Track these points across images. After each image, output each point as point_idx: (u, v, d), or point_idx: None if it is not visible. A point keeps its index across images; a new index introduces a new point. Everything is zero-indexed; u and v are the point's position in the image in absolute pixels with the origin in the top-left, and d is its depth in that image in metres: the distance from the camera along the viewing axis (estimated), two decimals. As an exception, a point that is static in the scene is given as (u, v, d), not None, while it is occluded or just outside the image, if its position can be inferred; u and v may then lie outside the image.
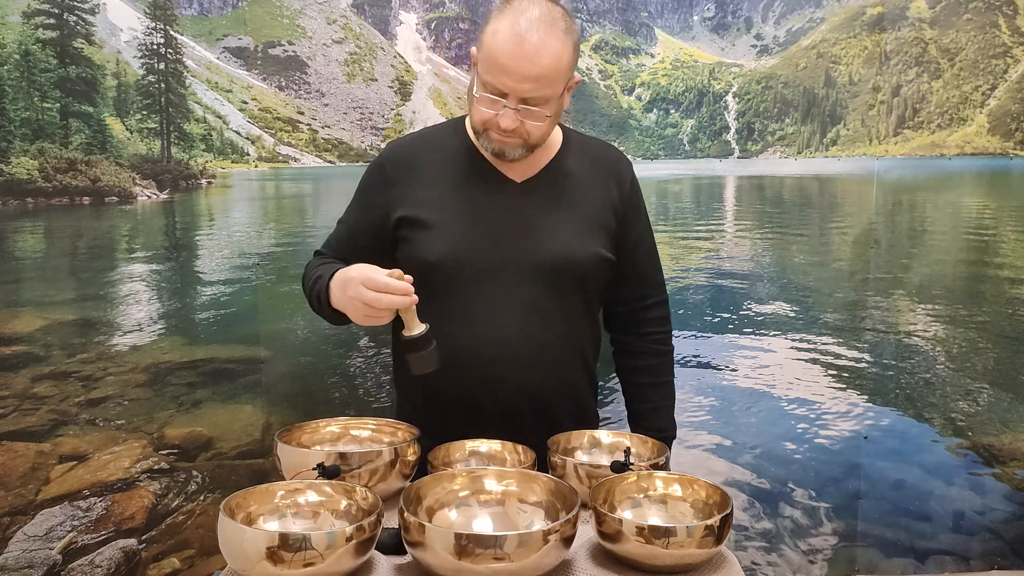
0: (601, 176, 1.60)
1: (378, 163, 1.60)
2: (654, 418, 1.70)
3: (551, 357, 1.54)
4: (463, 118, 1.62)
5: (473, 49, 1.47)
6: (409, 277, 1.33)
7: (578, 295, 1.56)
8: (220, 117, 2.51)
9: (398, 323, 1.38)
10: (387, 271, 1.33)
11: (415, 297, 1.32)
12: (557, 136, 1.60)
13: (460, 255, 1.49)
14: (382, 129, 2.67)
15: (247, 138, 2.55)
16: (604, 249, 1.56)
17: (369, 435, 1.49)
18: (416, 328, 1.35)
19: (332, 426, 1.50)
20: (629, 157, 1.75)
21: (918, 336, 2.79)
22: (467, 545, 0.99)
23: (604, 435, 1.50)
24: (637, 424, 1.71)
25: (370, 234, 1.58)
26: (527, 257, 1.50)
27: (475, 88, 1.43)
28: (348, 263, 1.47)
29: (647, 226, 1.69)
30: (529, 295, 1.50)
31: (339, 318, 1.46)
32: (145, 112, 2.38)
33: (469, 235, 1.50)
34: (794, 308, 2.81)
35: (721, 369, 2.79)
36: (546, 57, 1.36)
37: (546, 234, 1.52)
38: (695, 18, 2.98)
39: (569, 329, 1.56)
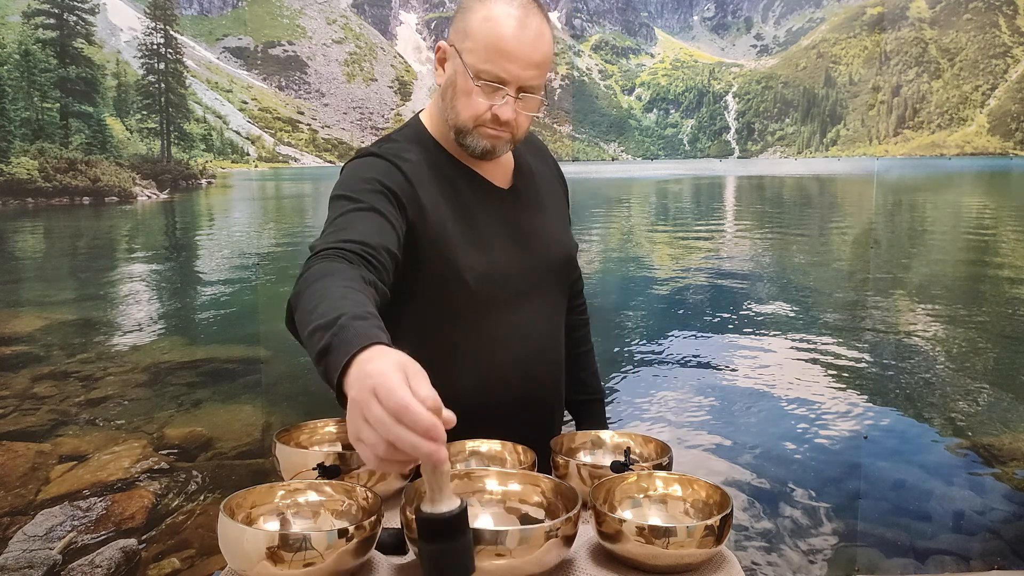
0: (549, 167, 1.64)
1: (390, 162, 1.38)
2: (594, 382, 1.75)
3: (562, 350, 1.59)
4: (416, 129, 1.48)
5: (442, 43, 1.38)
6: (452, 419, 0.76)
7: (568, 287, 1.62)
8: (220, 117, 2.51)
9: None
10: (429, 394, 0.75)
11: (446, 457, 0.75)
12: None
13: (483, 272, 1.42)
14: (382, 129, 2.67)
15: (247, 138, 2.55)
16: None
17: (369, 435, 1.49)
18: (444, 502, 0.79)
19: (330, 426, 1.49)
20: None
21: (918, 336, 2.79)
22: (467, 545, 0.99)
23: (606, 435, 1.50)
24: (579, 392, 1.72)
25: (402, 230, 1.31)
26: (536, 261, 1.50)
27: (463, 81, 1.32)
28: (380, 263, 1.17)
29: None
30: (548, 296, 1.53)
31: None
32: (145, 112, 2.38)
33: (483, 250, 1.43)
34: (794, 308, 2.81)
35: (721, 369, 2.79)
36: (545, 42, 1.34)
37: (543, 236, 1.53)
38: (695, 18, 2.98)
39: (562, 321, 1.61)
